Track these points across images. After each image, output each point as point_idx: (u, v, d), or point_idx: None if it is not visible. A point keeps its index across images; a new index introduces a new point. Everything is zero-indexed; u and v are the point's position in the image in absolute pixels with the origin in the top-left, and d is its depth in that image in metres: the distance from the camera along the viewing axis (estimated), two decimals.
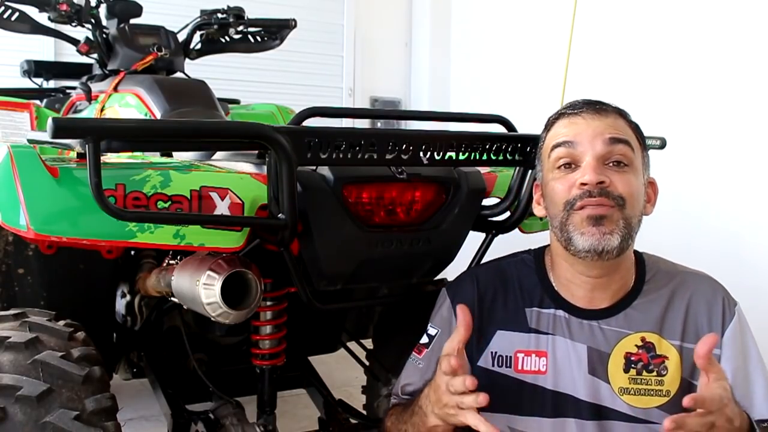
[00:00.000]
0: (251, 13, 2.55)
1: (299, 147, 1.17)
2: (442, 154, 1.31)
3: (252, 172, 1.27)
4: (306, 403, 2.12)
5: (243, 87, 3.87)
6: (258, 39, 2.63)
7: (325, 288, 1.41)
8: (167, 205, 1.15)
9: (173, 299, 1.40)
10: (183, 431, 1.65)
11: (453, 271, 1.57)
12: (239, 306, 1.22)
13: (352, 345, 2.13)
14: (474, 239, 1.55)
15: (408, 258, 1.43)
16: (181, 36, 2.44)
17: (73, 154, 1.22)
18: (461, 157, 1.34)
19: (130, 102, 2.04)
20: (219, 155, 1.47)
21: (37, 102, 2.57)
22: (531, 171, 1.45)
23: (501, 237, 1.58)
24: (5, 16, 2.30)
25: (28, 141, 1.32)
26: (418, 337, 1.42)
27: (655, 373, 1.24)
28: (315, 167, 1.30)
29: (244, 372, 1.83)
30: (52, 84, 2.89)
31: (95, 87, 2.29)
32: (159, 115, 1.90)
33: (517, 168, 1.48)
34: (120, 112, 2.05)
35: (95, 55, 2.39)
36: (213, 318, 1.22)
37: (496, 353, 1.30)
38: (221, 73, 3.39)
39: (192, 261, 1.27)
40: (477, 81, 4.42)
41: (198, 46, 2.54)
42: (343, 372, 2.63)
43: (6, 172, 1.10)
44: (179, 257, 1.44)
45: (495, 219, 1.56)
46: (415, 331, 1.55)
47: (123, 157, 1.40)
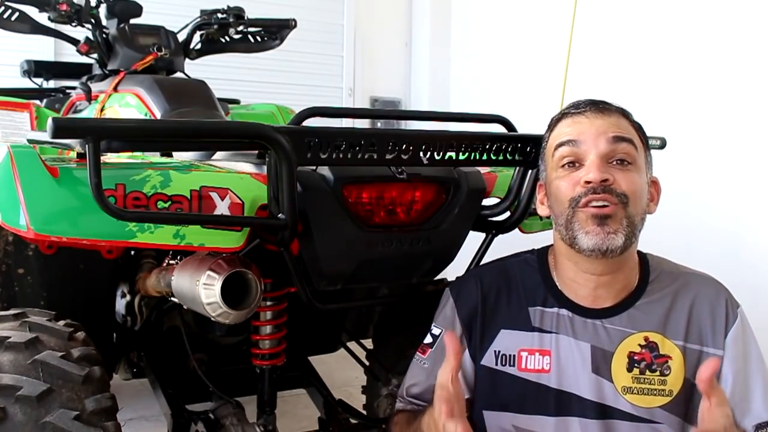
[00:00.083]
0: (251, 13, 2.55)
1: (299, 147, 1.17)
2: (442, 154, 1.31)
3: (252, 172, 1.27)
4: (306, 403, 2.12)
5: (243, 87, 3.87)
6: (258, 39, 2.63)
7: (325, 288, 1.41)
8: (167, 205, 1.15)
9: (173, 299, 1.40)
10: (183, 431, 1.65)
11: (453, 271, 1.57)
12: (239, 306, 1.22)
13: (352, 345, 2.13)
14: (474, 239, 1.55)
15: (408, 258, 1.43)
16: (181, 36, 2.44)
17: (73, 154, 1.22)
18: (461, 157, 1.34)
19: (130, 102, 2.04)
20: (219, 155, 1.47)
21: (37, 102, 2.57)
22: (531, 171, 1.45)
23: (501, 237, 1.58)
24: (5, 16, 2.30)
25: (28, 141, 1.32)
26: (418, 337, 1.42)
27: (658, 373, 1.24)
28: (315, 167, 1.30)
29: (244, 372, 1.83)
30: (52, 84, 2.89)
31: (95, 87, 2.29)
32: (159, 115, 1.90)
33: (517, 168, 1.48)
34: (120, 112, 2.05)
35: (95, 55, 2.39)
36: (213, 318, 1.22)
37: (499, 352, 1.31)
38: (221, 73, 3.40)
39: (192, 261, 1.27)
40: (477, 81, 4.42)
41: (198, 46, 2.54)
42: (343, 372, 2.63)
43: (6, 172, 1.10)
44: (179, 257, 1.44)
45: (495, 219, 1.56)
46: (415, 331, 1.55)
47: (123, 157, 1.40)
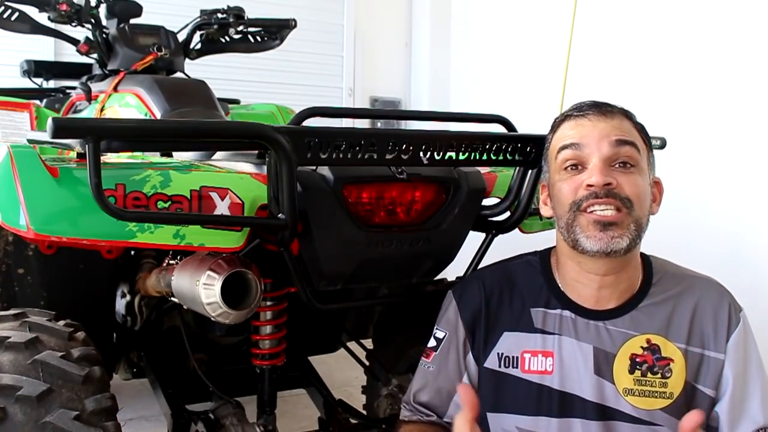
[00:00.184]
0: (251, 13, 2.55)
1: (299, 147, 1.16)
2: (442, 154, 1.31)
3: (252, 172, 1.27)
4: (306, 403, 2.12)
5: (243, 87, 3.87)
6: (258, 39, 2.63)
7: (325, 288, 1.41)
8: (167, 205, 1.15)
9: (173, 299, 1.40)
10: (183, 431, 1.65)
11: (453, 271, 1.57)
12: (239, 306, 1.22)
13: (352, 345, 2.13)
14: (474, 239, 1.55)
15: (408, 258, 1.43)
16: (181, 36, 2.44)
17: (73, 154, 1.22)
18: (461, 157, 1.34)
19: (130, 102, 2.04)
20: (219, 155, 1.47)
21: (37, 102, 2.57)
22: (531, 171, 1.45)
23: (501, 237, 1.58)
24: (5, 16, 2.30)
25: (28, 141, 1.32)
26: (418, 337, 1.41)
27: (660, 375, 1.24)
28: (315, 167, 1.30)
29: (244, 372, 1.83)
30: (52, 84, 2.89)
31: (95, 87, 2.29)
32: (159, 115, 1.90)
33: (517, 168, 1.48)
34: (120, 112, 2.05)
35: (95, 55, 2.39)
36: (213, 318, 1.22)
37: (502, 354, 1.30)
38: (221, 73, 3.40)
39: (192, 261, 1.27)
40: (477, 81, 4.42)
41: (198, 46, 2.55)
42: (343, 372, 2.63)
43: (6, 172, 1.10)
44: (179, 257, 1.44)
45: (495, 219, 1.56)
46: (415, 331, 1.55)
47: (123, 157, 1.40)
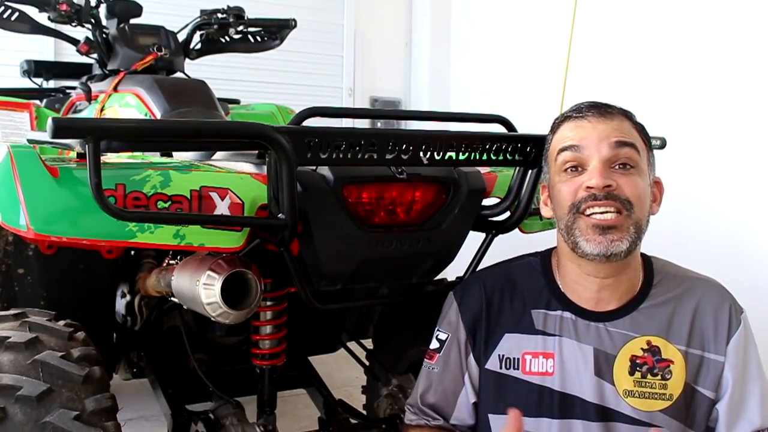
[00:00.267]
0: (251, 13, 2.55)
1: (299, 147, 1.16)
2: (442, 154, 1.31)
3: (252, 172, 1.27)
4: (306, 403, 2.12)
5: (243, 87, 3.87)
6: (258, 39, 2.63)
7: (325, 288, 1.41)
8: (167, 205, 1.15)
9: (173, 299, 1.40)
10: (183, 431, 1.65)
11: (453, 271, 1.57)
12: (239, 306, 1.22)
13: (352, 345, 2.13)
14: (474, 239, 1.55)
15: (408, 258, 1.43)
16: (181, 36, 2.44)
17: (73, 154, 1.22)
18: (461, 157, 1.34)
19: (130, 102, 2.04)
20: (219, 155, 1.47)
21: (37, 102, 2.57)
22: (531, 171, 1.45)
23: (501, 237, 1.58)
24: (5, 16, 2.30)
25: (28, 141, 1.32)
26: (418, 337, 1.41)
27: (660, 377, 1.24)
28: (315, 167, 1.30)
29: (244, 372, 1.83)
30: (52, 84, 2.89)
31: (95, 87, 2.29)
32: (159, 115, 1.90)
33: (517, 168, 1.48)
34: (120, 112, 2.05)
35: (95, 55, 2.39)
36: (213, 318, 1.22)
37: (503, 356, 1.30)
38: (221, 73, 3.40)
39: (192, 261, 1.27)
40: (477, 81, 4.42)
41: (198, 46, 2.54)
42: (343, 372, 2.63)
43: (6, 172, 1.10)
44: (179, 257, 1.44)
45: (495, 219, 1.56)
46: (415, 331, 1.55)
47: (123, 157, 1.40)
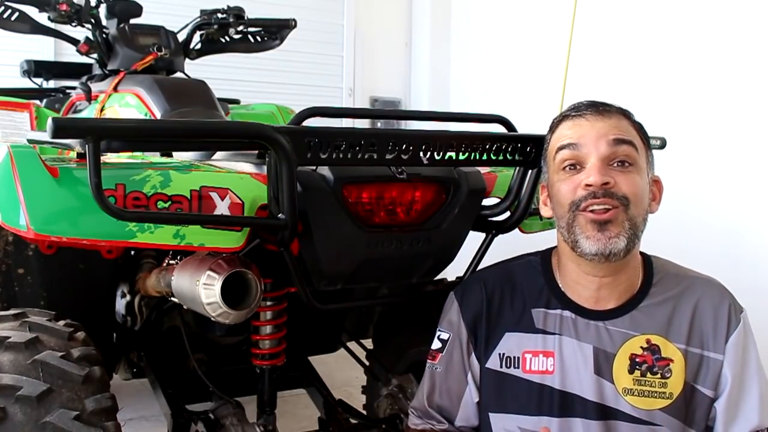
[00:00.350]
0: (251, 13, 2.55)
1: (299, 147, 1.16)
2: (442, 154, 1.31)
3: (252, 172, 1.27)
4: (306, 403, 2.12)
5: (243, 87, 3.87)
6: (258, 39, 2.63)
7: (325, 288, 1.41)
8: (167, 205, 1.15)
9: (173, 299, 1.40)
10: (183, 431, 1.65)
11: (453, 271, 1.57)
12: (239, 306, 1.22)
13: (352, 345, 2.13)
14: (474, 239, 1.55)
15: (408, 258, 1.43)
16: (181, 36, 2.44)
17: (73, 154, 1.22)
18: (461, 157, 1.34)
19: (130, 102, 2.04)
20: (219, 155, 1.47)
21: (37, 102, 2.57)
22: (531, 171, 1.45)
23: (501, 237, 1.58)
24: (5, 16, 2.30)
25: (28, 141, 1.32)
26: (418, 337, 1.41)
27: (659, 376, 1.24)
28: (315, 167, 1.30)
29: (244, 372, 1.83)
30: (52, 84, 2.89)
31: (95, 87, 2.29)
32: (159, 115, 1.90)
33: (517, 168, 1.48)
34: (120, 112, 2.05)
35: (95, 55, 2.39)
36: (213, 318, 1.22)
37: (504, 354, 1.31)
38: (221, 73, 3.40)
39: (192, 261, 1.27)
40: (477, 81, 4.41)
41: (198, 46, 2.54)
42: (343, 372, 2.63)
43: (6, 172, 1.10)
44: (179, 257, 1.44)
45: (495, 219, 1.56)
46: (415, 331, 1.55)
47: (123, 157, 1.40)
